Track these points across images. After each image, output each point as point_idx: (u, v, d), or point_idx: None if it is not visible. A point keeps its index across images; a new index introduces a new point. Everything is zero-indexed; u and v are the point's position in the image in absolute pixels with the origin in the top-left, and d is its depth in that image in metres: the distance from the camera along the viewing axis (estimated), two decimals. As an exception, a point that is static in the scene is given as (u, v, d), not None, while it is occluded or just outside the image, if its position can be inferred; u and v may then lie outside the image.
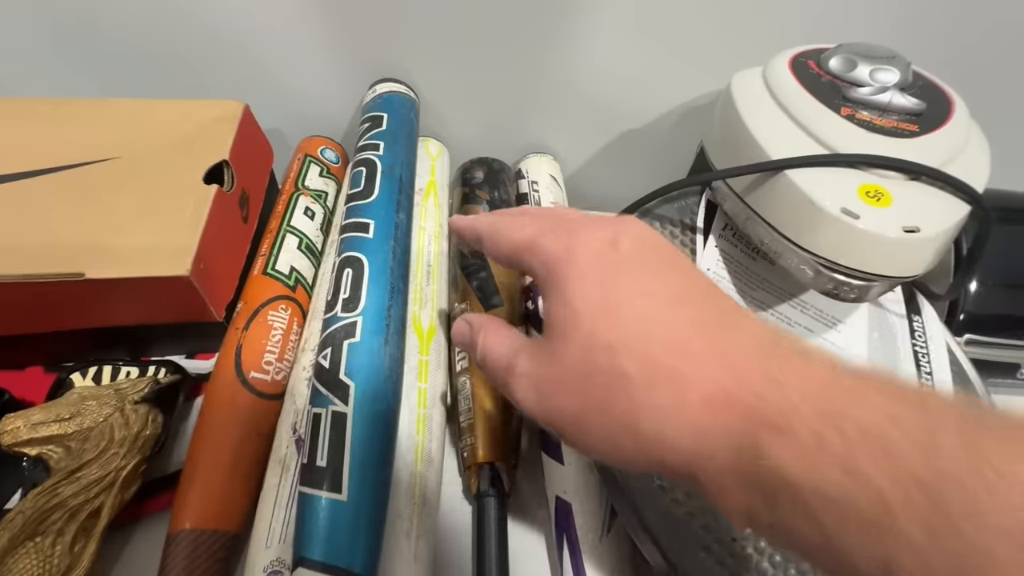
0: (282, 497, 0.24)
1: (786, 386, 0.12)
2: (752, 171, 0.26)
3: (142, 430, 0.26)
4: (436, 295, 0.33)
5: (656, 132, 0.44)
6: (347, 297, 0.27)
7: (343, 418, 0.23)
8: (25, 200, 0.29)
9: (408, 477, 0.26)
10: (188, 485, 0.25)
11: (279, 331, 0.30)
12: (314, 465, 0.22)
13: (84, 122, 0.34)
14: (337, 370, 0.25)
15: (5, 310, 0.27)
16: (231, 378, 0.28)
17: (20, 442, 0.24)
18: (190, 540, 0.23)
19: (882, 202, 0.23)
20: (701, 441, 0.13)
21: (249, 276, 0.33)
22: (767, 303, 0.30)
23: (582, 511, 0.25)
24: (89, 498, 0.24)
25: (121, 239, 0.28)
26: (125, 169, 0.32)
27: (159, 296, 0.28)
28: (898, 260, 0.23)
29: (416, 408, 0.28)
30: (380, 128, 0.36)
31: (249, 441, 0.27)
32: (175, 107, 0.36)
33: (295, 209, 0.36)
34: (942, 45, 0.36)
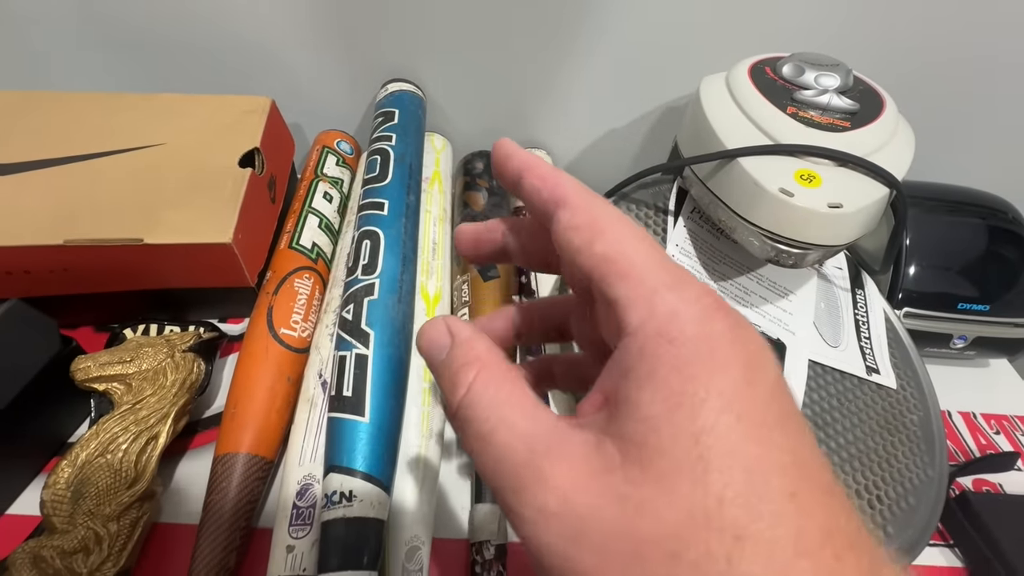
0: (311, 427, 0.29)
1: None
2: (711, 159, 0.30)
3: (189, 374, 0.31)
4: (441, 268, 0.38)
5: (638, 130, 0.49)
6: (366, 263, 0.32)
7: (364, 358, 0.28)
8: (87, 178, 0.34)
9: (418, 416, 0.30)
10: (231, 418, 0.29)
11: (304, 296, 0.35)
12: (341, 395, 0.27)
13: (134, 113, 0.39)
14: (359, 321, 0.29)
15: (75, 271, 0.31)
16: (264, 333, 0.32)
17: (90, 378, 0.29)
18: (236, 461, 0.28)
19: (813, 183, 0.28)
20: None
21: (276, 250, 0.38)
22: (728, 276, 0.35)
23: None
24: (148, 426, 0.28)
25: (171, 212, 0.33)
26: (171, 154, 0.36)
27: (204, 261, 0.33)
28: (826, 231, 0.28)
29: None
30: (392, 122, 0.40)
31: (280, 384, 0.31)
32: (211, 101, 0.40)
33: (315, 193, 0.41)
34: (887, 56, 0.41)
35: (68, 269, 0.31)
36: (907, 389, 0.34)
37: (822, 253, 0.29)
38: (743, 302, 0.34)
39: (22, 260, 0.30)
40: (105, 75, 0.44)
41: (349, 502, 0.24)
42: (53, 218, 0.31)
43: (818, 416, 0.31)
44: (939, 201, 0.41)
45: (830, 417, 0.31)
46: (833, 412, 0.31)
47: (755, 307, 0.34)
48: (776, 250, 0.29)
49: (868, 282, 0.38)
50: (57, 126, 0.37)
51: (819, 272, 0.38)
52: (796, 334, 0.34)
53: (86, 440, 0.27)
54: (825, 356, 0.33)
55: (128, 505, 0.26)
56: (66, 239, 0.30)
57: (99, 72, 0.44)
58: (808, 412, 0.31)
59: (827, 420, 0.31)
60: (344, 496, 0.24)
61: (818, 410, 0.31)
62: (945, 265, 0.39)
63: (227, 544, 0.26)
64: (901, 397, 0.34)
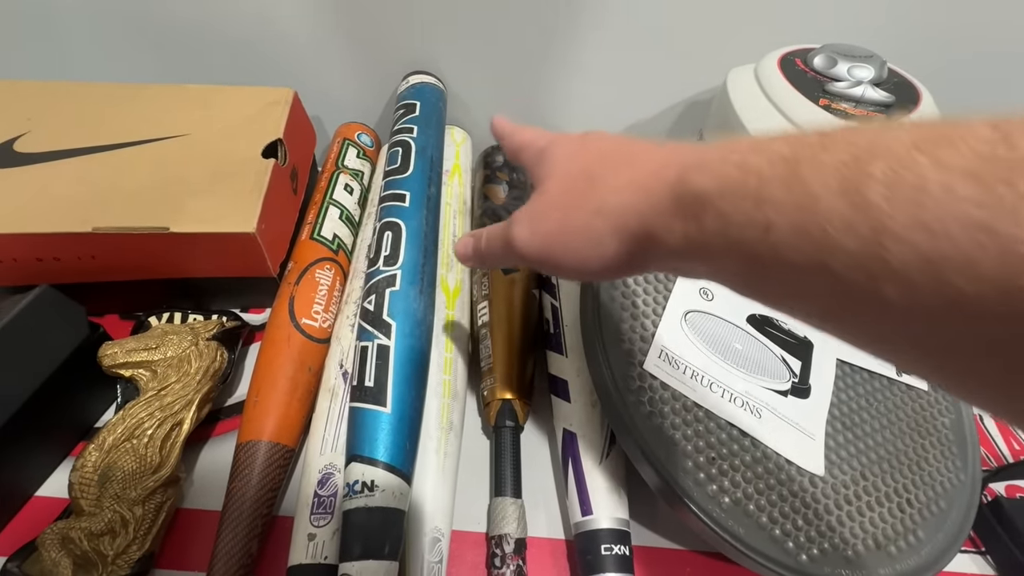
0: (332, 417, 0.29)
1: (708, 149, 0.16)
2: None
3: (212, 362, 0.31)
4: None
5: (661, 124, 0.48)
6: (388, 254, 0.32)
7: (386, 349, 0.28)
8: (114, 167, 0.34)
9: (438, 407, 0.30)
10: (253, 406, 0.29)
11: (325, 286, 0.35)
12: (363, 385, 0.27)
13: (158, 104, 0.39)
14: (381, 312, 0.29)
15: (102, 259, 0.32)
16: (286, 322, 0.32)
17: (117, 364, 0.29)
18: (259, 449, 0.28)
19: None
20: (651, 196, 0.17)
21: (298, 241, 0.38)
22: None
23: (585, 439, 0.29)
24: (172, 412, 0.28)
25: (196, 202, 0.33)
26: (195, 144, 0.37)
27: (228, 250, 0.33)
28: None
29: (444, 352, 0.32)
30: (414, 114, 0.40)
31: (302, 374, 0.31)
32: (235, 92, 0.41)
33: (336, 185, 0.41)
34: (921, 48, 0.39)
35: (96, 256, 0.32)
36: (938, 391, 0.33)
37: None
38: (769, 299, 0.33)
39: (52, 247, 0.31)
40: (128, 67, 0.45)
41: (371, 492, 0.24)
42: (81, 206, 0.32)
43: (847, 416, 0.30)
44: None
45: (859, 418, 0.30)
46: (862, 412, 0.31)
47: (781, 304, 0.33)
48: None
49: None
50: (84, 116, 0.37)
51: (847, 270, 0.37)
52: (824, 332, 0.33)
53: (113, 425, 0.27)
54: (853, 355, 0.33)
55: (153, 490, 0.26)
56: (94, 226, 0.30)
57: (122, 64, 0.44)
58: (837, 412, 0.30)
59: (856, 420, 0.30)
60: (366, 486, 0.24)
61: (847, 410, 0.30)
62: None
63: (249, 531, 0.26)
64: (932, 399, 0.33)
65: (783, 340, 0.31)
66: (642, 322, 0.29)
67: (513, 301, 0.35)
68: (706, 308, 0.31)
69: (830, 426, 0.29)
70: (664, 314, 0.30)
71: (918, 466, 0.30)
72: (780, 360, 0.31)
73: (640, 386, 0.27)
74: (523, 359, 0.33)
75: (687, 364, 0.28)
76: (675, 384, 0.28)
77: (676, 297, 0.31)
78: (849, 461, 0.29)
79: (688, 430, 0.27)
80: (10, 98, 0.38)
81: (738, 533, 0.24)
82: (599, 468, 0.29)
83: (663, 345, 0.29)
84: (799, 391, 0.30)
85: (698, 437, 0.26)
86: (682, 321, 0.30)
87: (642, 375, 0.27)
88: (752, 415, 0.28)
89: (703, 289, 0.32)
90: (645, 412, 0.26)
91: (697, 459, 0.26)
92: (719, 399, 0.28)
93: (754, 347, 0.30)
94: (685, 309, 0.30)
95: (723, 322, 0.31)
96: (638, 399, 0.27)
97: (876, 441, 0.30)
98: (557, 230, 0.19)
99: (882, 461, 0.29)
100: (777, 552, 0.25)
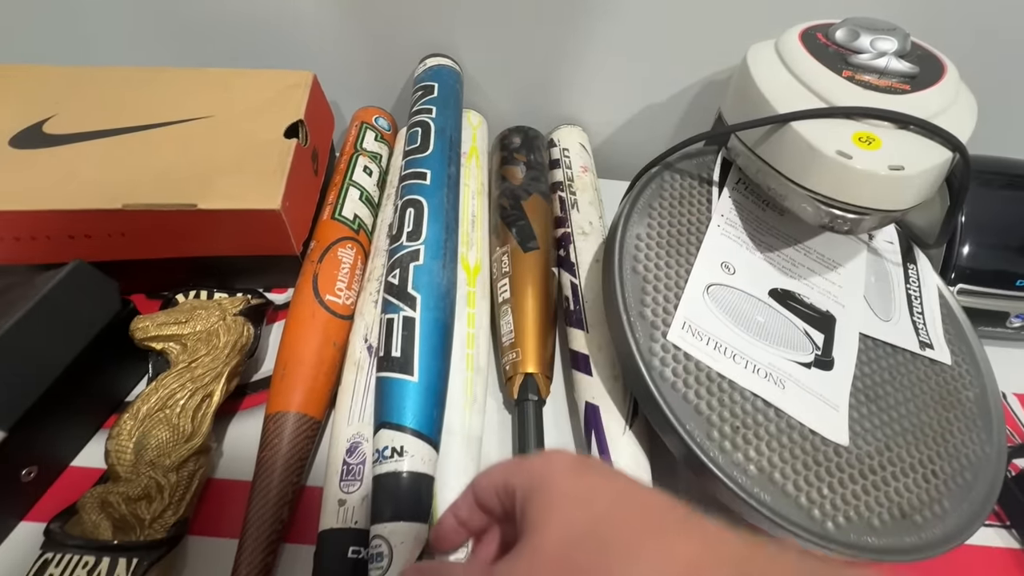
0: (358, 389, 0.29)
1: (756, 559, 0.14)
2: (764, 123, 0.30)
3: (240, 337, 0.31)
4: (480, 240, 0.38)
5: (677, 105, 0.48)
6: (411, 230, 0.32)
7: (412, 321, 0.28)
8: (141, 148, 0.35)
9: (462, 381, 0.30)
10: (280, 379, 0.30)
11: (347, 265, 0.36)
12: (390, 356, 0.27)
13: (180, 87, 0.39)
14: (405, 285, 0.30)
15: (131, 236, 0.33)
16: (310, 299, 0.33)
17: (148, 337, 0.30)
18: (287, 419, 0.28)
19: (872, 146, 0.27)
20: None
21: (319, 220, 0.38)
22: (774, 247, 0.34)
23: (608, 411, 0.30)
24: (203, 384, 0.29)
25: (222, 180, 0.33)
26: (218, 126, 0.37)
27: (252, 228, 0.33)
28: (885, 195, 0.27)
29: (466, 327, 0.33)
30: (432, 95, 0.41)
31: (327, 348, 0.32)
32: (255, 75, 0.41)
33: (356, 167, 0.41)
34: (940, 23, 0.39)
35: (125, 234, 0.32)
36: (962, 366, 0.33)
37: (879, 219, 0.28)
38: (790, 274, 0.33)
39: (84, 224, 0.32)
40: (146, 53, 0.45)
41: (400, 456, 0.25)
42: (111, 184, 0.32)
43: (870, 389, 0.30)
44: (996, 175, 0.39)
45: (882, 390, 0.30)
46: (885, 386, 0.31)
47: (803, 279, 0.33)
48: (831, 216, 0.28)
49: (920, 257, 0.37)
50: (109, 99, 0.38)
51: (869, 245, 0.37)
52: (846, 307, 0.33)
53: (146, 395, 0.28)
54: (876, 330, 0.33)
55: (186, 458, 0.27)
56: (124, 203, 0.31)
57: (140, 49, 0.45)
58: (860, 384, 0.30)
59: (879, 393, 0.30)
60: (395, 451, 0.25)
61: (870, 383, 0.30)
62: (1002, 241, 0.38)
63: (279, 497, 0.26)
64: (956, 373, 0.33)
65: (806, 314, 0.31)
66: (664, 295, 0.29)
67: (534, 278, 0.35)
68: (728, 282, 0.31)
69: (853, 398, 0.29)
70: (686, 287, 0.30)
71: (943, 438, 0.30)
72: (803, 333, 0.31)
73: (664, 356, 0.27)
74: (544, 334, 0.33)
75: (710, 335, 0.28)
76: (698, 355, 0.28)
77: (698, 271, 0.31)
78: (873, 432, 0.28)
79: (712, 399, 0.27)
80: (37, 83, 0.39)
81: (764, 500, 0.25)
82: (622, 438, 0.29)
83: (686, 317, 0.29)
84: (822, 363, 0.30)
85: (722, 407, 0.27)
86: (704, 294, 0.30)
87: (665, 346, 0.28)
88: (776, 386, 0.28)
89: (725, 263, 0.32)
90: (670, 381, 0.27)
91: (722, 428, 0.26)
92: (742, 370, 0.28)
93: (777, 320, 0.30)
94: (707, 283, 0.30)
95: (745, 295, 0.31)
96: (662, 369, 0.27)
97: (900, 413, 0.30)
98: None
99: (906, 433, 0.29)
100: (804, 519, 0.25)
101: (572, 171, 0.44)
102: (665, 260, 0.31)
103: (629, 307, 0.28)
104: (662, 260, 0.31)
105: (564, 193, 0.42)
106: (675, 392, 0.26)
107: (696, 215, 0.34)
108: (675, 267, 0.31)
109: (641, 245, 0.31)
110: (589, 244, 0.38)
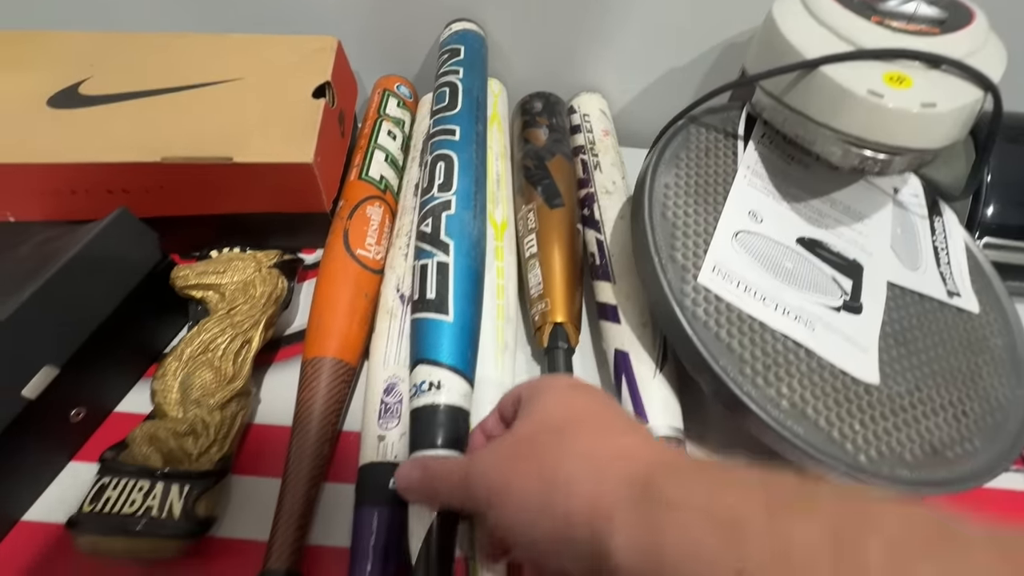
0: (392, 334, 0.30)
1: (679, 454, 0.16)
2: (794, 69, 0.30)
3: (275, 288, 0.32)
4: (506, 199, 0.39)
5: (698, 70, 0.48)
6: (441, 182, 0.33)
7: (446, 265, 0.29)
8: (174, 108, 0.36)
9: (493, 328, 0.31)
10: (316, 328, 0.31)
11: (375, 222, 0.36)
12: (425, 298, 0.28)
13: (207, 52, 0.40)
14: (438, 233, 0.30)
15: (168, 190, 0.33)
16: (342, 252, 0.34)
17: (189, 285, 0.31)
18: (324, 363, 0.29)
19: (904, 84, 0.27)
20: (602, 483, 0.16)
21: (346, 181, 0.39)
22: (800, 198, 0.34)
23: (637, 357, 0.30)
24: (242, 330, 0.30)
25: (255, 137, 0.34)
26: (247, 88, 0.38)
27: (285, 183, 0.34)
28: (917, 133, 0.27)
29: (496, 279, 0.33)
30: (459, 57, 0.41)
31: (359, 299, 0.32)
32: (280, 40, 0.42)
33: (380, 131, 0.42)
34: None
35: (164, 187, 0.33)
36: (990, 314, 0.33)
37: (910, 160, 0.28)
38: (817, 224, 0.33)
39: (122, 178, 0.32)
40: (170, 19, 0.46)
41: (438, 390, 0.25)
42: (148, 140, 0.33)
43: (899, 334, 0.30)
44: (1022, 131, 0.39)
45: (911, 335, 0.31)
46: (914, 331, 0.31)
47: (830, 229, 0.33)
48: (861, 157, 0.28)
49: (946, 211, 0.37)
50: (140, 64, 0.39)
51: (894, 199, 0.37)
52: (873, 255, 0.33)
53: (189, 338, 0.29)
54: (904, 279, 0.33)
55: (228, 399, 0.28)
56: (163, 156, 0.32)
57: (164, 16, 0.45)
58: (889, 329, 0.30)
59: (908, 338, 0.30)
60: (432, 385, 0.25)
61: (898, 328, 0.31)
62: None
63: (320, 433, 0.27)
64: (984, 321, 0.33)
65: (833, 261, 0.32)
66: (694, 240, 0.30)
67: (560, 233, 0.35)
68: (756, 229, 0.31)
69: (883, 342, 0.29)
70: (715, 233, 0.30)
71: (972, 381, 0.30)
72: (831, 279, 0.31)
73: (695, 297, 0.28)
74: (572, 287, 0.33)
75: (739, 279, 0.29)
76: (729, 297, 0.28)
77: (726, 218, 0.31)
78: (903, 374, 0.29)
79: (744, 339, 0.27)
80: (70, 48, 0.40)
81: (798, 432, 0.25)
82: (653, 381, 0.29)
83: (716, 261, 0.29)
84: (851, 308, 0.30)
85: (753, 346, 0.27)
86: (733, 240, 0.30)
87: (696, 287, 0.28)
88: (806, 328, 0.28)
89: (752, 212, 0.32)
90: (701, 320, 0.27)
91: (754, 365, 0.26)
92: (772, 312, 0.28)
93: (805, 266, 0.31)
94: (736, 229, 0.31)
95: (773, 242, 0.31)
96: (694, 308, 0.27)
97: (929, 357, 0.30)
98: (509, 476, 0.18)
99: (936, 375, 0.29)
100: (837, 451, 0.25)
101: (594, 135, 0.44)
102: (693, 208, 0.31)
103: (660, 250, 0.29)
104: (690, 208, 0.31)
105: (586, 156, 0.43)
106: (707, 330, 0.27)
107: (722, 167, 0.34)
108: (703, 214, 0.31)
109: (669, 193, 0.31)
110: (613, 202, 0.38)
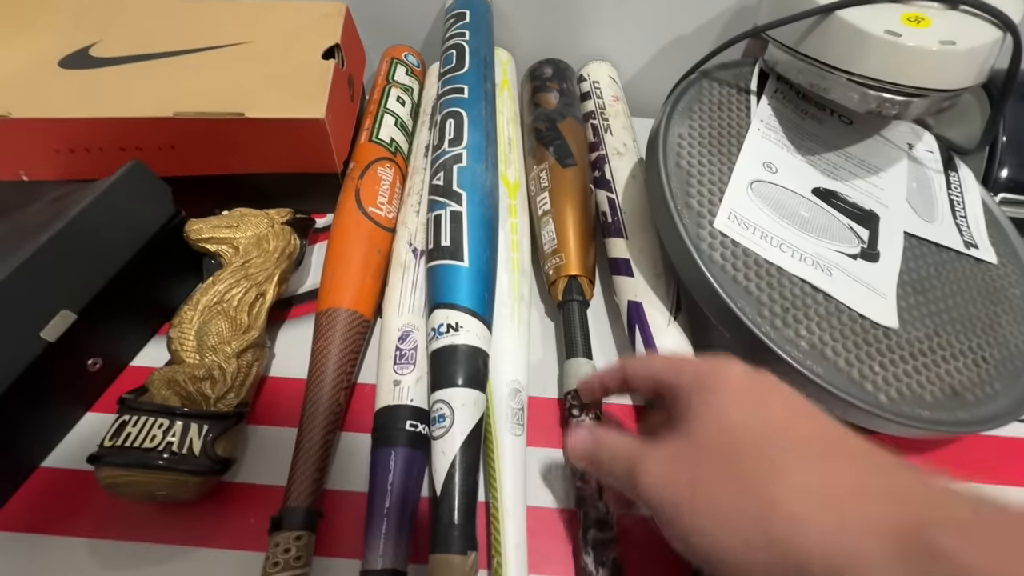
0: (406, 286, 0.30)
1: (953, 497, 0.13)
2: (811, 15, 0.29)
3: (287, 244, 0.32)
4: (517, 160, 0.39)
5: (707, 35, 0.48)
6: (452, 137, 0.33)
7: (459, 214, 0.29)
8: (185, 69, 0.36)
9: (508, 281, 0.31)
10: (330, 280, 0.31)
11: (386, 182, 0.36)
12: (440, 246, 0.28)
13: (217, 17, 0.40)
14: (450, 184, 0.30)
15: (181, 148, 0.33)
16: (354, 209, 0.33)
17: (203, 239, 0.30)
18: (339, 314, 0.29)
19: (922, 24, 0.27)
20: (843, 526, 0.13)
21: (356, 144, 0.39)
22: (815, 151, 0.34)
23: (651, 305, 0.30)
24: (257, 283, 0.30)
25: (266, 94, 0.34)
26: (257, 50, 0.38)
27: (297, 141, 0.34)
28: (936, 73, 0.27)
29: (510, 235, 0.33)
30: (464, 21, 0.41)
31: (372, 254, 0.32)
32: (288, 6, 0.41)
33: (389, 97, 0.42)
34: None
35: (175, 146, 0.33)
36: (1007, 266, 0.33)
37: (928, 102, 0.28)
38: (832, 175, 0.33)
39: (135, 134, 0.32)
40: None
41: (456, 331, 0.25)
42: (160, 97, 0.33)
43: (916, 283, 0.30)
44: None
45: (929, 284, 0.30)
46: (932, 280, 0.31)
47: (845, 180, 0.33)
48: (879, 100, 0.28)
49: (961, 166, 0.37)
50: (149, 27, 0.39)
51: (909, 154, 0.36)
52: (889, 207, 0.33)
53: (204, 288, 0.29)
54: (920, 229, 0.32)
55: (244, 348, 0.28)
56: (176, 111, 0.32)
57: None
58: (906, 278, 0.30)
59: (926, 287, 0.30)
60: (451, 327, 0.25)
61: (916, 277, 0.30)
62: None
63: (336, 381, 0.27)
64: (1002, 272, 0.33)
65: (849, 211, 0.31)
66: (709, 188, 0.29)
67: (573, 192, 0.35)
68: (771, 179, 0.31)
69: (900, 289, 0.29)
70: (731, 182, 0.30)
71: (991, 328, 0.29)
72: (847, 228, 0.31)
73: (712, 242, 0.27)
74: (586, 242, 0.33)
75: (756, 226, 0.29)
76: (745, 242, 0.28)
77: (741, 167, 0.31)
78: (922, 320, 0.28)
79: (761, 282, 0.27)
80: (78, 11, 0.40)
81: (818, 372, 0.25)
82: (667, 329, 0.29)
83: (731, 208, 0.29)
84: (868, 256, 0.30)
85: (771, 289, 0.27)
86: (748, 189, 0.30)
87: (713, 233, 0.28)
88: (823, 273, 0.28)
89: (767, 163, 0.32)
90: (719, 264, 0.27)
91: (772, 307, 0.26)
92: (789, 258, 0.28)
93: (821, 215, 0.30)
94: (751, 179, 0.31)
95: (789, 192, 0.31)
96: (711, 253, 0.27)
97: (948, 304, 0.30)
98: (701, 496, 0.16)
99: (955, 322, 0.29)
100: (857, 390, 0.25)
101: (604, 100, 0.44)
102: (708, 158, 0.31)
103: (675, 196, 0.28)
104: (704, 158, 0.31)
105: (597, 121, 0.42)
106: (724, 274, 0.27)
107: (735, 121, 0.34)
108: (717, 164, 0.31)
109: (683, 143, 0.31)
110: (624, 163, 0.38)
